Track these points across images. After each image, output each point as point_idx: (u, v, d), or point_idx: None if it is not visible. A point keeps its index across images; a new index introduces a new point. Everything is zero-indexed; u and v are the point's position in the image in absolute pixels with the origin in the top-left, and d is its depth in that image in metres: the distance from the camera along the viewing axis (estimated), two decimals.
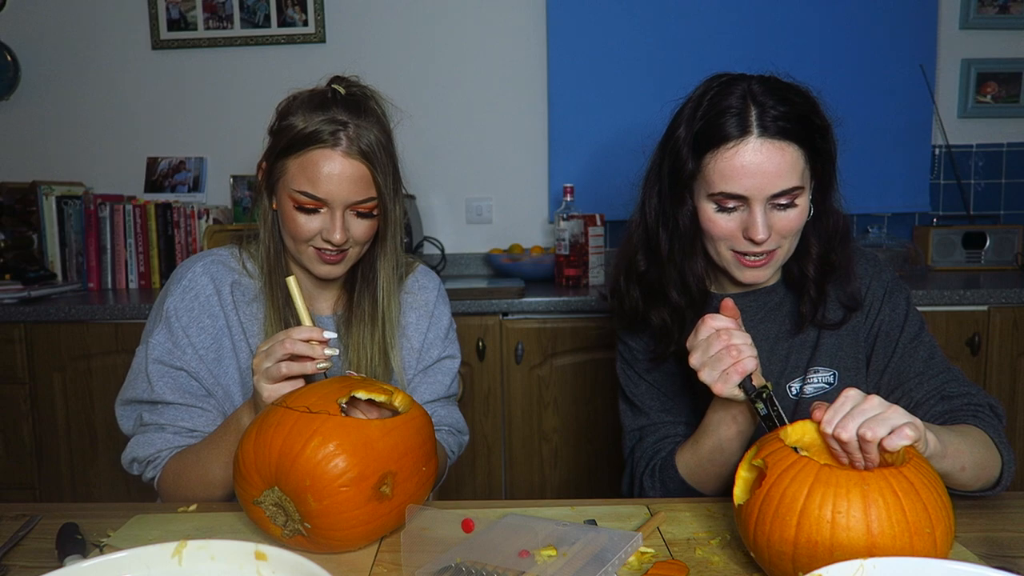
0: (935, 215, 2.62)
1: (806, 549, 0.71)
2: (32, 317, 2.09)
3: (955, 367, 1.10)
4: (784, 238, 1.04)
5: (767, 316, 1.14)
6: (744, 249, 1.04)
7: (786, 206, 1.02)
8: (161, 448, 1.10)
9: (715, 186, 1.02)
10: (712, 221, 1.04)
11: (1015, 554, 0.83)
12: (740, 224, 1.03)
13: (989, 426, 1.00)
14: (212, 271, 1.16)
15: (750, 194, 1.00)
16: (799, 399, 1.12)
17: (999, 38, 2.58)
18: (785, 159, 0.99)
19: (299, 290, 1.04)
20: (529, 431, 2.13)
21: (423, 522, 0.85)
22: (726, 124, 1.00)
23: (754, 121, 0.99)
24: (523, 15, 2.59)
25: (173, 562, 0.60)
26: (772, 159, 0.99)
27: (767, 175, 0.99)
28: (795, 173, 1.00)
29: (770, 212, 1.01)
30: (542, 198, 2.66)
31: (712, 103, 1.03)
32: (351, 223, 1.10)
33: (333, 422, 0.82)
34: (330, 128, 1.06)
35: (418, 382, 1.25)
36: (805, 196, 1.03)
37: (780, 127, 0.99)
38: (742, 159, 0.99)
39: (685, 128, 1.05)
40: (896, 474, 0.72)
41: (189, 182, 2.66)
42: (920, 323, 1.12)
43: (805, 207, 1.04)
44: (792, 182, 1.00)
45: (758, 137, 0.99)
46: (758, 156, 0.99)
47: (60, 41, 2.64)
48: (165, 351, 1.12)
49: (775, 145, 0.99)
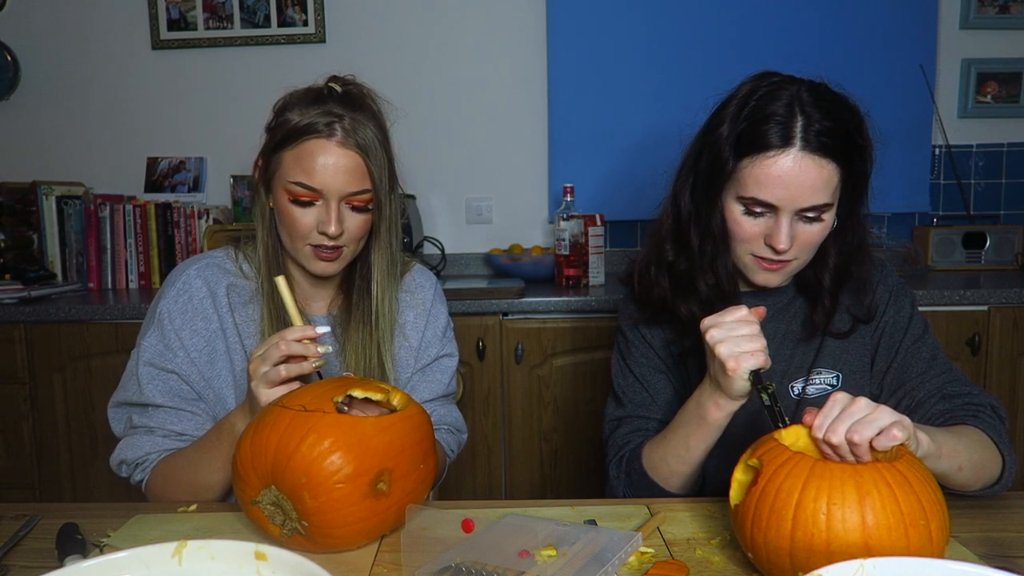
0: (935, 215, 2.62)
1: (803, 543, 0.71)
2: (32, 317, 2.09)
3: (957, 368, 1.10)
4: (802, 251, 1.04)
5: (775, 316, 1.14)
6: (763, 254, 1.04)
7: (812, 219, 1.02)
8: (150, 451, 1.09)
9: (748, 190, 1.01)
10: (737, 223, 1.04)
11: (1015, 554, 0.83)
12: (764, 230, 1.03)
13: (989, 426, 1.00)
14: (206, 274, 1.16)
15: (780, 204, 1.00)
16: (801, 399, 1.12)
17: (999, 38, 2.58)
18: (822, 175, 0.99)
19: (288, 289, 1.03)
20: (529, 431, 2.13)
21: (423, 522, 0.85)
22: (769, 131, 0.99)
23: (798, 133, 0.98)
24: (523, 15, 2.59)
25: (173, 562, 0.60)
26: (809, 174, 0.98)
27: (801, 188, 0.99)
28: (828, 190, 1.00)
29: (795, 223, 1.02)
30: (542, 198, 2.66)
31: (759, 105, 1.01)
32: (346, 216, 1.10)
33: (328, 419, 0.82)
34: (325, 120, 1.06)
35: (416, 381, 1.25)
36: (831, 212, 1.03)
37: (823, 143, 0.98)
38: (780, 169, 0.99)
39: (729, 126, 1.03)
40: (889, 467, 0.73)
41: (189, 182, 2.66)
42: (924, 326, 1.13)
43: (830, 222, 1.04)
44: (823, 199, 1.00)
45: (800, 150, 0.98)
46: (796, 169, 0.98)
47: (60, 41, 2.64)
48: (156, 354, 1.11)
49: (815, 161, 0.98)
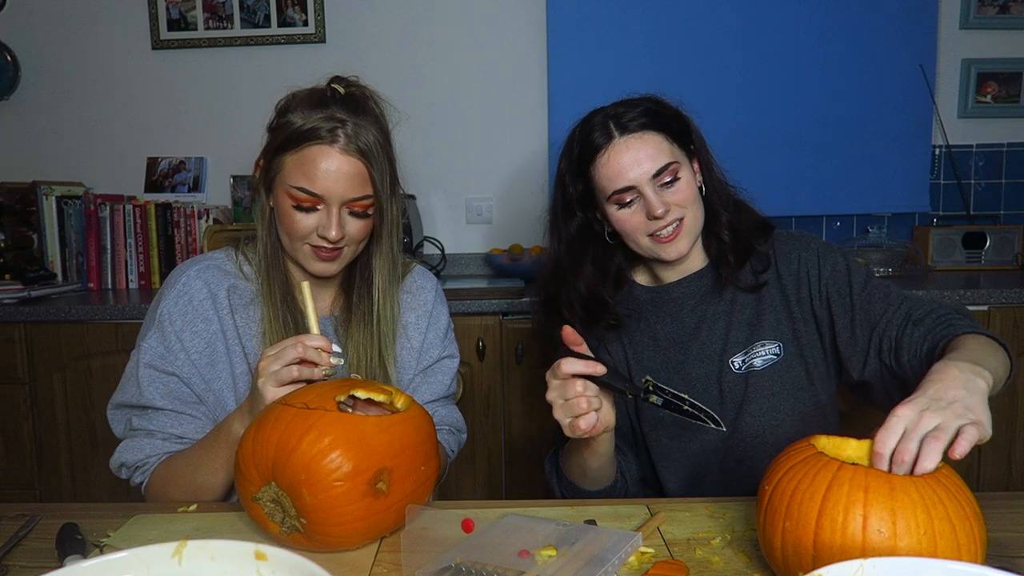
0: (935, 215, 2.62)
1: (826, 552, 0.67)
2: (32, 317, 2.09)
3: (910, 293, 1.15)
4: (683, 208, 1.16)
5: (703, 298, 1.23)
6: (655, 230, 1.15)
7: (671, 182, 1.15)
8: (149, 454, 1.09)
9: (607, 189, 1.16)
10: (621, 219, 1.18)
11: (1015, 554, 0.83)
12: (642, 209, 1.16)
13: (969, 327, 1.03)
14: (206, 276, 1.16)
15: (635, 183, 1.14)
16: (748, 372, 1.18)
17: (999, 38, 2.57)
18: (649, 145, 1.15)
19: (312, 296, 1.04)
20: (529, 431, 2.13)
21: (423, 522, 0.85)
22: (594, 138, 1.17)
23: (613, 127, 1.16)
24: (523, 15, 2.59)
25: (173, 562, 0.60)
26: (639, 149, 1.14)
27: (640, 162, 1.14)
28: (663, 153, 1.15)
29: (660, 192, 1.15)
30: (542, 198, 2.65)
31: (581, 132, 1.20)
32: (347, 221, 1.10)
33: (329, 417, 0.83)
34: (328, 125, 1.06)
35: (418, 382, 1.25)
36: (685, 169, 1.17)
37: (636, 124, 1.15)
38: (616, 159, 1.15)
39: (566, 161, 1.23)
40: (924, 484, 0.68)
41: (189, 182, 2.65)
42: (866, 272, 1.19)
43: (689, 179, 1.17)
44: (663, 160, 1.14)
45: (620, 137, 1.15)
46: (627, 151, 1.15)
47: (60, 41, 2.64)
48: (157, 356, 1.11)
49: (636, 137, 1.15)
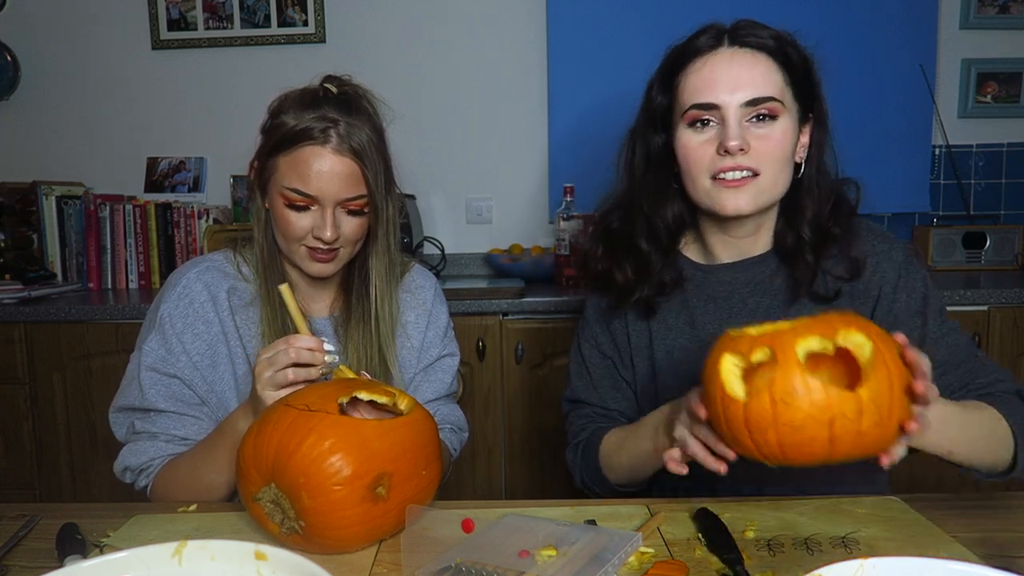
0: (935, 215, 2.61)
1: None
2: (32, 317, 2.09)
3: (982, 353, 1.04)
4: (764, 160, 0.97)
5: (757, 289, 1.07)
6: (721, 168, 0.97)
7: (764, 119, 0.96)
8: (153, 457, 1.09)
9: (687, 101, 0.98)
10: (687, 145, 0.99)
11: (1015, 554, 0.83)
12: (716, 137, 0.97)
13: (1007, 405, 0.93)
14: (206, 278, 1.16)
15: (721, 101, 0.95)
16: None
17: (999, 38, 2.57)
18: (758, 67, 0.96)
19: (292, 297, 1.03)
20: (529, 431, 2.13)
21: (423, 522, 0.85)
22: (699, 42, 0.98)
23: (725, 36, 0.98)
24: (523, 15, 2.59)
25: (173, 562, 0.60)
26: (744, 66, 0.96)
27: (739, 80, 0.95)
28: (770, 84, 0.96)
29: (747, 128, 0.96)
30: (542, 198, 2.66)
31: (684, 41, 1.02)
32: (342, 220, 1.10)
33: (330, 420, 0.82)
34: (320, 125, 1.06)
35: (419, 381, 1.25)
36: (788, 119, 0.98)
37: (754, 40, 0.97)
38: (711, 68, 0.96)
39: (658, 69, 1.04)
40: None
41: (189, 182, 2.65)
42: (940, 304, 1.04)
43: (788, 134, 0.98)
44: (766, 91, 0.96)
45: (729, 47, 0.97)
46: (730, 64, 0.96)
47: (60, 41, 2.64)
48: (158, 358, 1.11)
49: (748, 53, 0.96)
